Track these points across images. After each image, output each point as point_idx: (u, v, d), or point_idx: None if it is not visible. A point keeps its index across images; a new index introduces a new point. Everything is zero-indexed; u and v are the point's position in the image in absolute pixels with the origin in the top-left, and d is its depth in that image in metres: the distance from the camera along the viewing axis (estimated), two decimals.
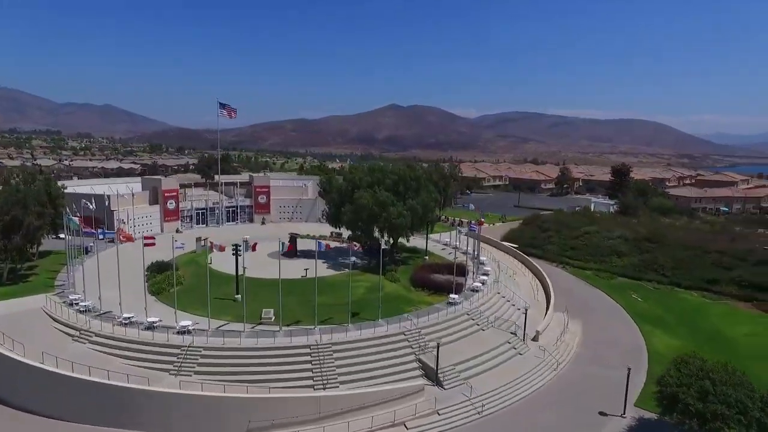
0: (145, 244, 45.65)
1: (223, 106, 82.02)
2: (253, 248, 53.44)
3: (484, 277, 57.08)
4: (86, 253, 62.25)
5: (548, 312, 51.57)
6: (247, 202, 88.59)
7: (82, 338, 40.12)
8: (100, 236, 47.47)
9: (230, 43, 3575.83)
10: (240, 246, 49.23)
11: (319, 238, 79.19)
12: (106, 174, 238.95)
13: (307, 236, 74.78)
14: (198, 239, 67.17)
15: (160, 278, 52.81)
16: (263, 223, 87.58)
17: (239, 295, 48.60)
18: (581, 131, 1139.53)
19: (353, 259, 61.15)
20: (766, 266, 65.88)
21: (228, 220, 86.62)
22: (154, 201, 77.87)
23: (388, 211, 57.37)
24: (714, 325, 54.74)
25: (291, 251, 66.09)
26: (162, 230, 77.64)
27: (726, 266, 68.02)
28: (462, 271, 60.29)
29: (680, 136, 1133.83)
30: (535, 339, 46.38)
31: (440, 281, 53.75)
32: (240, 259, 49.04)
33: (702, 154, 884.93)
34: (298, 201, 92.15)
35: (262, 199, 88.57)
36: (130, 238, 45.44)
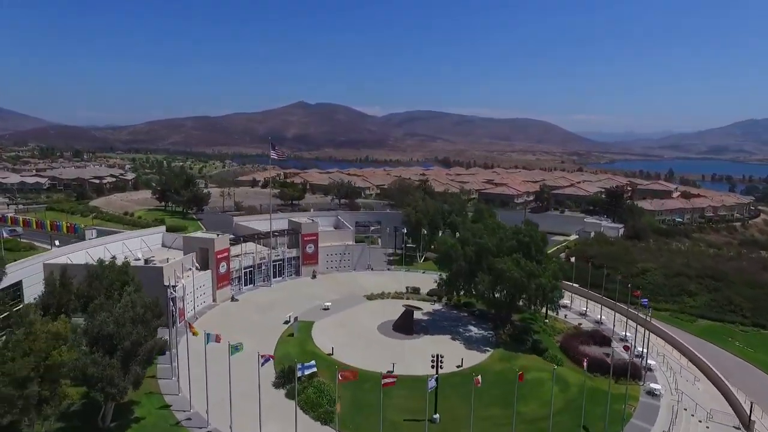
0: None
1: (274, 147, 70.34)
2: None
3: (643, 350, 53.53)
4: (161, 354, 48.57)
5: (730, 390, 49.22)
6: (293, 253, 76.70)
7: None
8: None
9: (114, 30, 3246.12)
10: (441, 357, 40.29)
11: (395, 296, 71.08)
12: (6, 191, 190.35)
13: (412, 303, 65.32)
14: (296, 319, 55.94)
15: (311, 393, 41.94)
16: (314, 276, 76.51)
17: (437, 415, 39.93)
18: (482, 129, 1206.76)
19: (491, 337, 54.51)
20: None
21: (274, 276, 74.26)
22: (204, 265, 63.72)
23: (539, 281, 51.51)
24: None
25: (406, 326, 57.35)
26: (214, 299, 63.95)
27: None
28: (604, 339, 56.53)
29: (566, 135, 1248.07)
30: (748, 427, 43.74)
31: (621, 365, 49.01)
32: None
33: (586, 151, 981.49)
34: (344, 247, 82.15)
35: (309, 248, 77.23)
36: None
